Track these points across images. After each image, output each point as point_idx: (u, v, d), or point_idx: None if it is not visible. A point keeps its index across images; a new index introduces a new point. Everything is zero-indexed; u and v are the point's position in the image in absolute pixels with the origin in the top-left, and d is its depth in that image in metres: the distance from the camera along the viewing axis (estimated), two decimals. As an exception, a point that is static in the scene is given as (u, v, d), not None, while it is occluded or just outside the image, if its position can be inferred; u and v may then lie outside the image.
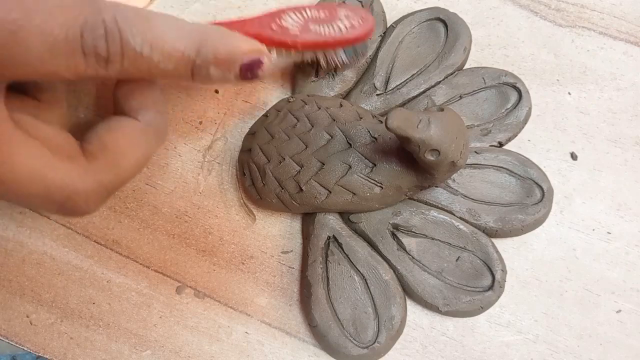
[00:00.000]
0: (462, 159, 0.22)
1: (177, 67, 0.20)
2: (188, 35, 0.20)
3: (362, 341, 0.24)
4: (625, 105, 0.28)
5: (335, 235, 0.25)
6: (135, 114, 0.21)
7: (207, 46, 0.20)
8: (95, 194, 0.20)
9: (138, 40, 0.18)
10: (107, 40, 0.18)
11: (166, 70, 0.20)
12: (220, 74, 0.21)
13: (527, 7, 0.30)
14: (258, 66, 0.21)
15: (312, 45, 0.24)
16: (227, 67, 0.21)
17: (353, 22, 0.24)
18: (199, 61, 0.20)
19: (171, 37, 0.19)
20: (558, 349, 0.25)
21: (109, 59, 0.18)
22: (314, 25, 0.24)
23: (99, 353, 0.26)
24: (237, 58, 0.21)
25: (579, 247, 0.26)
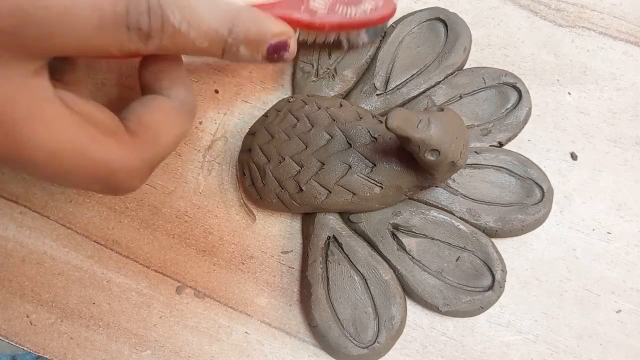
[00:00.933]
0: (462, 159, 0.22)
1: (210, 44, 0.21)
2: (223, 15, 0.21)
3: (362, 341, 0.24)
4: (625, 105, 0.28)
5: (335, 235, 0.25)
6: (168, 93, 0.22)
7: (239, 26, 0.21)
8: (139, 170, 0.21)
9: (177, 17, 0.19)
10: (149, 16, 0.19)
11: (201, 47, 0.21)
12: (249, 54, 0.22)
13: (527, 7, 0.30)
14: (284, 48, 0.23)
15: (337, 27, 0.25)
16: (256, 47, 0.22)
17: (378, 2, 0.25)
18: (231, 40, 0.21)
19: (207, 16, 0.20)
20: (558, 349, 0.25)
21: (150, 35, 0.19)
22: (340, 7, 0.25)
23: (99, 353, 0.26)
24: (265, 39, 0.22)
25: (579, 247, 0.26)
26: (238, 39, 0.21)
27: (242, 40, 0.21)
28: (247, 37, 0.21)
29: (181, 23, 0.20)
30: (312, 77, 0.28)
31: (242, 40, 0.21)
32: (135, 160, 0.20)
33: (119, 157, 0.20)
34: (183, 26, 0.20)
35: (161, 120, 0.21)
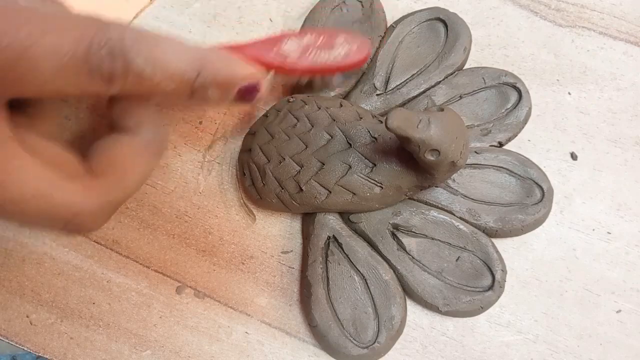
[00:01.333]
0: (462, 159, 0.22)
1: (177, 87, 0.20)
2: (190, 58, 0.20)
3: (362, 341, 0.24)
4: (625, 105, 0.28)
5: (335, 235, 0.25)
6: (135, 131, 0.22)
7: (208, 69, 0.20)
8: (102, 211, 0.20)
9: (141, 61, 0.19)
10: (112, 59, 0.18)
11: (166, 89, 0.20)
12: (218, 96, 0.21)
13: (527, 7, 0.30)
14: (255, 91, 0.22)
15: (309, 71, 0.25)
16: (226, 89, 0.21)
17: (351, 48, 0.25)
18: (199, 83, 0.20)
19: (174, 59, 0.20)
20: (558, 349, 0.25)
21: (113, 78, 0.19)
22: (312, 51, 0.25)
23: (99, 353, 0.26)
24: (235, 82, 0.21)
25: (579, 247, 0.26)
26: (206, 82, 0.20)
27: (211, 83, 0.21)
28: (216, 79, 0.21)
29: (146, 66, 0.19)
30: (312, 77, 0.28)
31: (210, 83, 0.21)
32: (97, 202, 0.20)
33: (81, 199, 0.19)
34: (148, 69, 0.19)
35: (126, 160, 0.21)
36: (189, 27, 0.30)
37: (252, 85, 0.22)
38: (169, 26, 0.30)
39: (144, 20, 0.30)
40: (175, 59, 0.20)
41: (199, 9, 0.30)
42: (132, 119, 0.22)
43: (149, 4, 0.30)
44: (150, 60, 0.19)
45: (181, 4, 0.30)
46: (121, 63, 0.18)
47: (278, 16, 0.30)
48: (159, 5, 0.30)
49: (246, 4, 0.30)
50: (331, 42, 0.25)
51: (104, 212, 0.20)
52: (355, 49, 0.25)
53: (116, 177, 0.21)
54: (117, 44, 0.18)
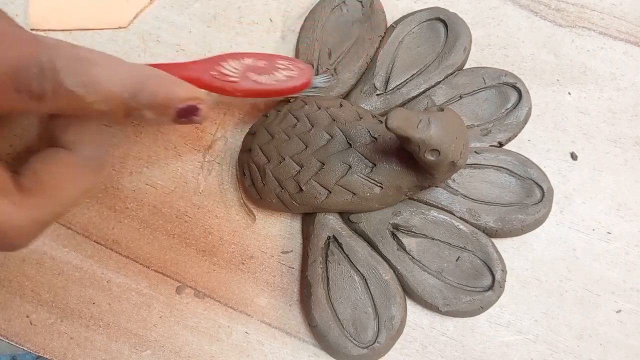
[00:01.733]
0: (462, 159, 0.22)
1: (112, 108, 0.20)
2: (125, 79, 0.20)
3: (362, 341, 0.24)
4: (625, 105, 0.28)
5: (335, 235, 0.25)
6: (72, 147, 0.21)
7: (144, 91, 0.20)
8: (29, 229, 0.19)
9: (73, 81, 0.18)
10: (40, 80, 0.18)
11: (100, 109, 0.20)
12: (155, 117, 0.21)
13: (527, 7, 0.30)
14: (194, 112, 0.22)
15: (250, 93, 0.25)
16: (163, 111, 0.21)
17: (292, 72, 0.25)
18: (134, 104, 0.20)
19: (107, 80, 0.19)
20: (558, 349, 0.25)
21: (42, 97, 0.18)
22: (252, 74, 0.25)
23: (99, 353, 0.26)
24: (172, 104, 0.21)
25: (579, 247, 0.26)
26: (142, 104, 0.20)
27: (147, 105, 0.20)
28: (153, 101, 0.20)
29: (77, 87, 0.18)
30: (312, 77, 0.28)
31: (146, 105, 0.20)
32: (24, 219, 0.19)
33: (10, 217, 0.19)
34: (79, 90, 0.19)
35: (58, 176, 0.20)
36: (189, 27, 0.30)
37: (192, 106, 0.21)
38: (169, 26, 0.30)
39: (144, 20, 0.30)
40: (109, 81, 0.19)
41: (199, 9, 0.30)
42: (71, 134, 0.21)
43: (149, 4, 0.30)
44: (83, 80, 0.19)
45: (181, 4, 0.30)
46: (51, 83, 0.18)
47: (278, 16, 0.30)
48: (159, 5, 0.30)
49: (246, 4, 0.30)
50: (272, 65, 0.25)
51: (31, 229, 0.20)
52: (296, 74, 0.25)
53: (46, 194, 0.20)
54: (47, 64, 0.18)
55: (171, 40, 0.30)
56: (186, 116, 0.21)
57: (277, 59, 0.25)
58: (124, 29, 0.30)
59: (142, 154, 0.28)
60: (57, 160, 0.21)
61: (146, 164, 0.28)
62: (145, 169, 0.28)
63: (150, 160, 0.28)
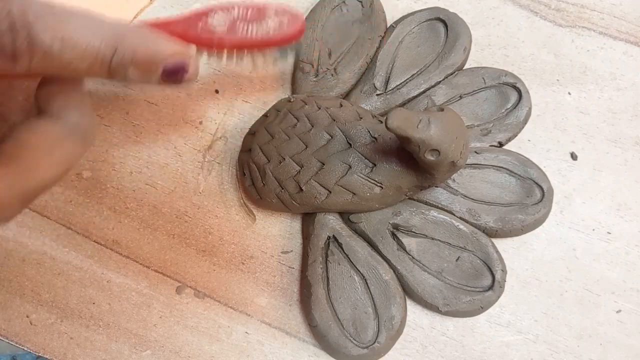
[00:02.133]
0: (462, 159, 0.22)
1: (91, 66, 0.19)
2: (104, 34, 0.18)
3: (362, 341, 0.24)
4: (625, 105, 0.28)
5: (335, 235, 0.25)
6: (59, 115, 0.20)
7: (125, 46, 0.19)
8: (9, 201, 0.18)
9: (48, 36, 0.17)
10: (12, 35, 0.17)
11: (79, 68, 0.18)
12: (140, 76, 0.20)
13: (527, 7, 0.30)
14: (182, 70, 0.20)
15: (239, 45, 0.23)
16: (148, 69, 0.20)
17: (283, 20, 0.24)
18: (116, 61, 0.19)
19: (85, 35, 0.18)
20: (558, 349, 0.25)
21: (16, 55, 0.17)
22: (241, 25, 0.23)
23: (99, 353, 0.26)
24: (158, 60, 0.20)
25: (579, 247, 0.26)
26: (125, 60, 0.19)
27: (130, 62, 0.19)
28: (136, 58, 0.19)
29: (53, 43, 0.17)
30: (312, 77, 0.28)
31: (129, 62, 0.19)
32: (2, 190, 0.18)
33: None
34: (55, 46, 0.17)
35: (41, 145, 0.19)
36: (189, 27, 0.30)
37: (179, 64, 0.20)
38: (169, 26, 0.30)
39: (144, 20, 0.30)
40: (87, 35, 0.18)
41: (199, 9, 0.30)
42: (55, 103, 0.20)
43: (149, 4, 0.30)
44: (59, 36, 0.17)
45: (181, 4, 0.30)
46: (24, 39, 0.17)
47: (278, 16, 0.30)
48: (159, 5, 0.30)
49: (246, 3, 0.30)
50: (261, 15, 0.23)
51: (10, 203, 0.18)
52: (286, 22, 0.24)
53: (27, 164, 0.18)
54: (19, 17, 0.17)
55: (171, 40, 0.30)
56: (174, 75, 0.20)
57: (265, 7, 0.24)
58: (124, 29, 0.30)
59: (142, 154, 0.28)
60: (40, 130, 0.19)
61: (146, 164, 0.28)
62: (145, 169, 0.28)
63: (150, 160, 0.28)
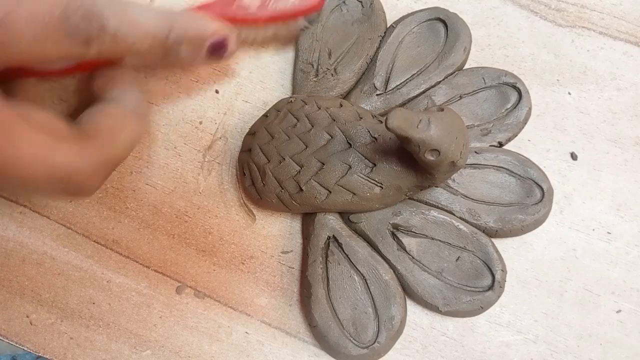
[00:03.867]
0: (462, 159, 0.22)
1: (151, 46, 0.21)
2: (160, 17, 0.21)
3: (362, 341, 0.24)
4: (625, 105, 0.28)
5: (335, 235, 0.25)
6: (117, 100, 0.23)
7: (178, 27, 0.22)
8: (96, 171, 0.21)
9: (115, 22, 0.20)
10: (87, 22, 0.19)
11: (141, 49, 0.21)
12: (191, 53, 0.23)
13: (527, 7, 0.30)
14: (224, 45, 0.24)
15: (271, 19, 0.27)
16: (197, 45, 0.23)
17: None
18: (171, 41, 0.22)
19: (145, 19, 0.21)
20: (558, 349, 0.25)
21: (90, 40, 0.20)
22: (270, 1, 0.26)
23: (99, 353, 0.26)
24: (205, 37, 0.23)
25: (579, 247, 0.26)
26: (178, 39, 0.22)
27: (183, 40, 0.22)
28: (187, 36, 0.22)
29: (120, 26, 0.20)
30: (312, 77, 0.28)
31: (182, 40, 0.22)
32: (92, 162, 0.21)
33: (76, 159, 0.20)
34: (122, 29, 0.20)
35: (114, 125, 0.22)
36: (189, 27, 0.30)
37: (221, 40, 0.23)
38: (169, 26, 0.30)
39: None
40: (146, 19, 0.21)
41: (199, 9, 0.30)
42: (113, 90, 0.23)
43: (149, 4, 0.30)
44: (124, 20, 0.20)
45: (181, 4, 0.30)
46: (96, 25, 0.20)
47: (278, 16, 0.30)
48: (159, 5, 0.30)
49: (246, 4, 0.30)
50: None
51: (99, 172, 0.21)
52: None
53: (107, 138, 0.21)
54: (91, 7, 0.19)
55: (171, 40, 0.30)
56: (217, 51, 0.24)
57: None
58: (124, 29, 0.30)
59: (142, 154, 0.28)
60: (108, 112, 0.22)
61: (146, 164, 0.28)
62: (145, 169, 0.28)
63: (150, 160, 0.28)
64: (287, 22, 0.28)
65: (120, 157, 0.22)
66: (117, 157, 0.22)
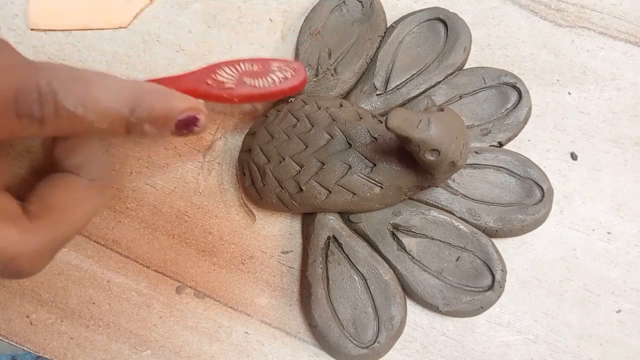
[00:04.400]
0: (462, 159, 0.22)
1: (111, 125, 0.20)
2: (122, 95, 0.20)
3: (362, 341, 0.24)
4: (625, 105, 0.28)
5: (335, 235, 0.25)
6: (79, 170, 0.22)
7: (142, 105, 0.20)
8: (39, 255, 0.20)
9: (72, 101, 0.19)
10: (40, 103, 0.18)
11: (101, 128, 0.20)
12: (156, 131, 0.21)
13: (527, 7, 0.30)
14: (194, 123, 0.22)
15: (248, 98, 0.25)
16: (163, 124, 0.21)
17: (286, 74, 0.26)
18: (134, 119, 0.20)
19: (105, 97, 0.19)
20: (558, 349, 0.25)
21: (44, 120, 0.19)
22: (248, 79, 0.25)
23: (99, 353, 0.26)
24: (172, 116, 0.21)
25: (579, 247, 0.26)
26: (142, 118, 0.20)
27: (147, 119, 0.20)
28: (152, 115, 0.20)
29: (76, 107, 0.19)
30: (312, 77, 0.28)
31: (146, 119, 0.20)
32: (35, 244, 0.19)
33: (15, 243, 0.19)
34: (79, 109, 0.19)
35: (65, 200, 0.21)
36: (189, 27, 0.30)
37: (191, 117, 0.21)
38: (169, 26, 0.30)
39: (144, 20, 0.30)
40: (107, 97, 0.19)
41: (199, 9, 0.30)
42: (75, 158, 0.22)
43: (149, 4, 0.30)
44: (81, 100, 0.19)
45: (181, 4, 0.30)
46: (51, 105, 0.18)
47: (278, 16, 0.30)
48: (159, 5, 0.30)
49: (246, 4, 0.30)
50: (266, 69, 0.25)
51: (42, 254, 0.20)
52: (290, 74, 0.26)
53: (55, 218, 0.20)
54: (45, 87, 0.18)
55: (171, 40, 0.30)
56: (186, 127, 0.21)
57: (271, 62, 0.26)
58: (124, 29, 0.30)
59: (142, 154, 0.28)
60: (63, 185, 0.21)
61: (146, 164, 0.28)
62: (145, 169, 0.28)
63: (150, 160, 0.28)
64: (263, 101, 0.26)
65: (69, 237, 0.21)
66: (65, 238, 0.20)
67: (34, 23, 0.30)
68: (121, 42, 0.30)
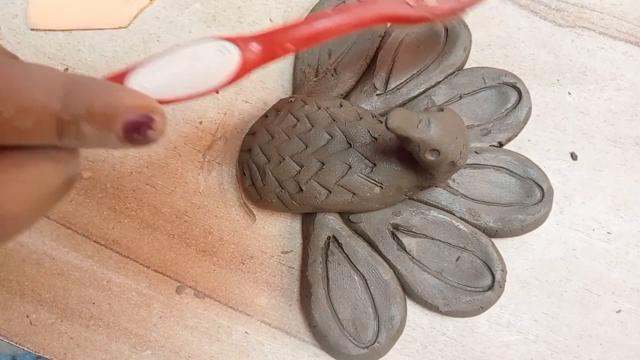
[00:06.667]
0: (462, 159, 0.22)
1: (37, 123, 0.15)
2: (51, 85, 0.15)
3: (362, 341, 0.24)
4: (625, 105, 0.28)
5: (335, 235, 0.25)
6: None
7: (77, 97, 0.15)
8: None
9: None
10: None
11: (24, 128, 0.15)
12: (97, 133, 0.15)
13: (527, 7, 0.30)
14: (147, 126, 0.16)
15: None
16: (105, 124, 0.15)
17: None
18: (67, 116, 0.15)
19: (27, 85, 0.15)
20: (558, 349, 0.25)
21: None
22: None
23: (99, 353, 0.26)
24: (117, 113, 0.15)
25: (579, 247, 0.26)
26: (77, 114, 0.15)
27: (84, 115, 0.15)
28: (91, 110, 0.15)
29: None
30: (312, 77, 0.28)
31: (83, 115, 0.15)
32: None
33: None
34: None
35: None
36: (189, 27, 0.30)
37: (142, 119, 0.16)
38: (169, 26, 0.30)
39: (144, 20, 0.30)
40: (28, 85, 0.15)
41: (199, 9, 0.30)
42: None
43: (149, 4, 0.30)
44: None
45: (181, 4, 0.30)
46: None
47: (278, 16, 0.30)
48: (159, 5, 0.30)
49: (246, 4, 0.30)
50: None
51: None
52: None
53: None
54: None
55: (171, 40, 0.30)
56: (137, 131, 0.16)
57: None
58: (124, 29, 0.30)
59: (142, 154, 0.28)
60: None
61: (146, 164, 0.28)
62: (145, 169, 0.28)
63: (150, 160, 0.28)
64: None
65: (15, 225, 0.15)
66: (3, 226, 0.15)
67: (34, 23, 0.30)
68: (121, 42, 0.30)
